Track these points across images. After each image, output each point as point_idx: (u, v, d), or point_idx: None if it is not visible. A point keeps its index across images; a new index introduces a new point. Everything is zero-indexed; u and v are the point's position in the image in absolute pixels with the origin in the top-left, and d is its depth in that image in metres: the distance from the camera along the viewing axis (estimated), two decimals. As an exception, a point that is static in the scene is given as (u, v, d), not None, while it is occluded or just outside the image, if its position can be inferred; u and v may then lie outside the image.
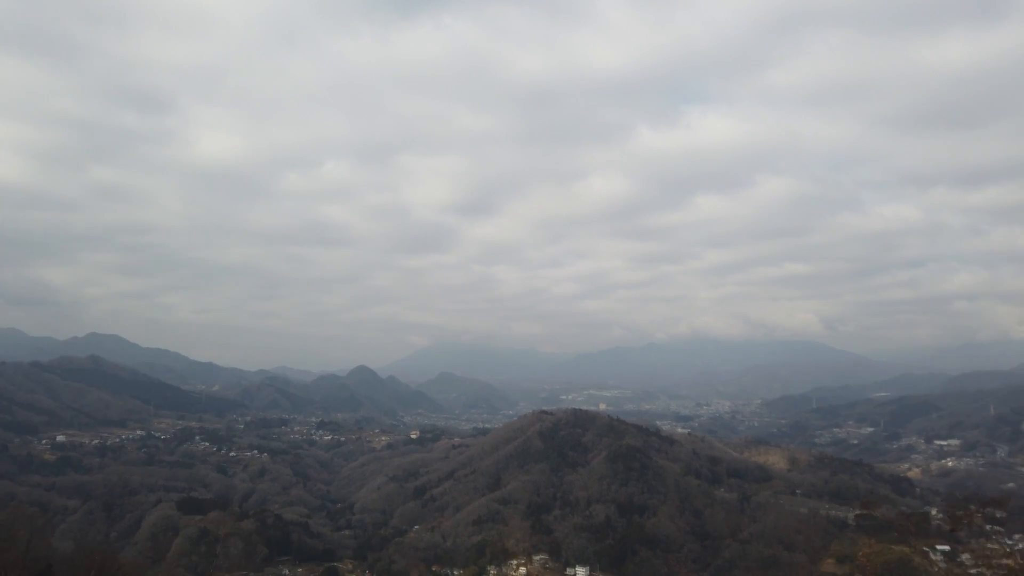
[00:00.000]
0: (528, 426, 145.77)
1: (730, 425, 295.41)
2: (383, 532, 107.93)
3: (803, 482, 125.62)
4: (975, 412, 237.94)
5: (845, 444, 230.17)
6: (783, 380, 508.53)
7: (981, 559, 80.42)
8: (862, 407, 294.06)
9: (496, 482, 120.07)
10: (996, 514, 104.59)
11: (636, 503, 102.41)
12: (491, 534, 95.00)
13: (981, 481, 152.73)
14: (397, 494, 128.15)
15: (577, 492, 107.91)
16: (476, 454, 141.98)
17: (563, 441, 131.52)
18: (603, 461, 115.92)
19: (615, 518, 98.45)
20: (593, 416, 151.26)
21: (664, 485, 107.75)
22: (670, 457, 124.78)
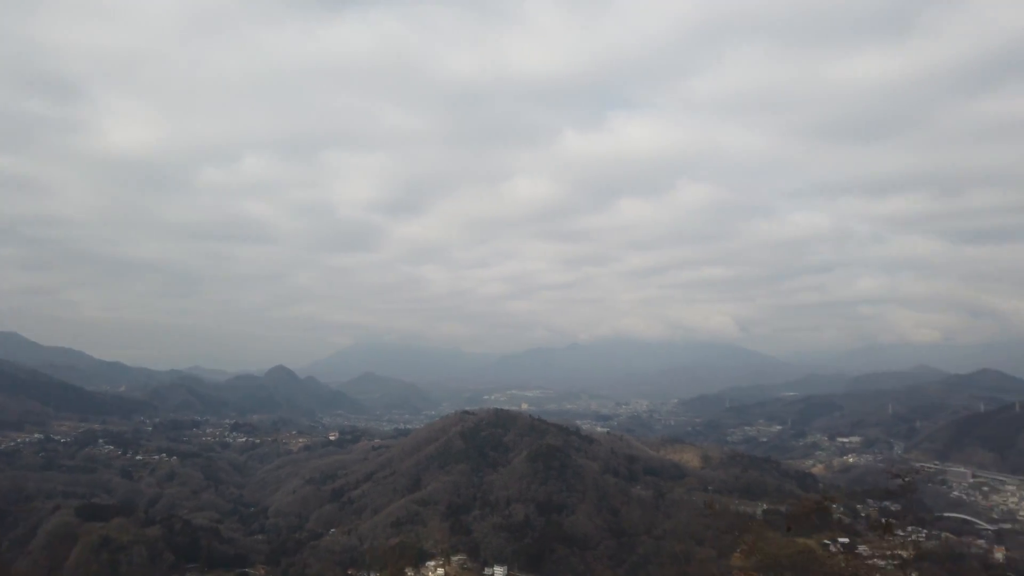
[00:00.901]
0: (450, 426, 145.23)
1: (648, 424, 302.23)
2: (298, 536, 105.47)
3: (715, 479, 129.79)
4: (875, 411, 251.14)
5: (755, 442, 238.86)
6: (700, 380, 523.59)
7: (877, 550, 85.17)
8: (772, 406, 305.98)
9: (416, 483, 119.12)
10: (892, 507, 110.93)
11: (555, 502, 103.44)
12: (409, 536, 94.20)
13: (879, 476, 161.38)
14: (314, 497, 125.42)
15: (497, 492, 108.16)
16: (396, 455, 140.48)
17: (484, 441, 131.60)
18: (524, 461, 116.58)
19: (534, 517, 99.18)
20: (515, 416, 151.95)
21: (583, 483, 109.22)
22: (589, 456, 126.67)
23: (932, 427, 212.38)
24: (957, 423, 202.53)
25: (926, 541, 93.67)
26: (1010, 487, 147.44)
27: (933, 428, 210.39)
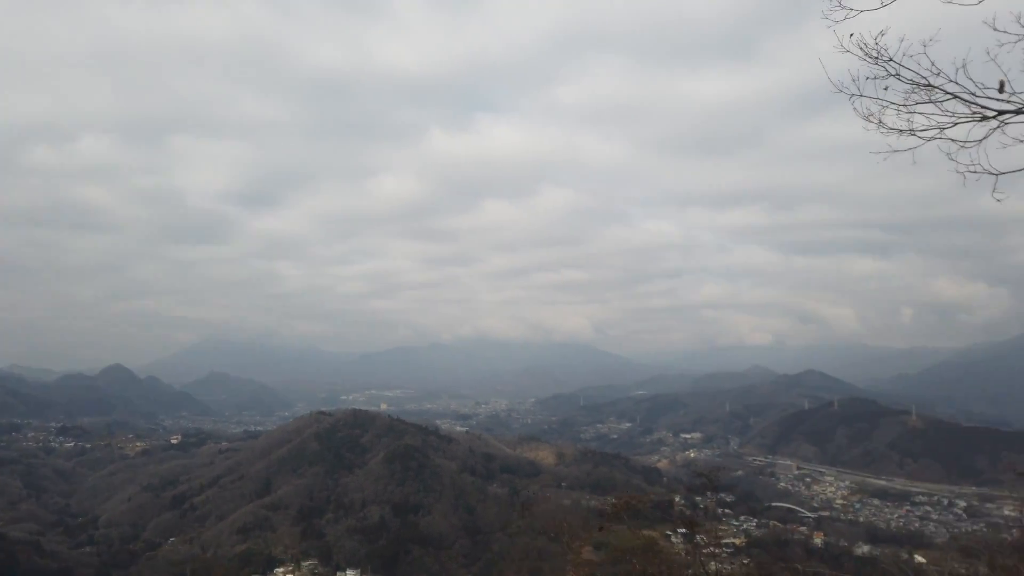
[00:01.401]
0: (304, 428, 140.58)
1: (506, 423, 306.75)
2: (132, 547, 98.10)
3: (569, 475, 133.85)
4: (714, 408, 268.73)
5: (607, 439, 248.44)
6: (557, 380, 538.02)
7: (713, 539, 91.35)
8: (623, 405, 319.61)
9: (266, 487, 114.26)
10: (727, 499, 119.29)
11: (412, 502, 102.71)
12: (257, 542, 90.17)
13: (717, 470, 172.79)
14: (152, 504, 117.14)
15: (353, 494, 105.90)
16: (245, 458, 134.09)
17: (341, 442, 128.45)
18: (381, 462, 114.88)
19: (390, 518, 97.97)
20: (373, 416, 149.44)
21: (440, 483, 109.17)
22: (448, 455, 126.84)
23: (763, 423, 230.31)
24: (785, 419, 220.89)
25: (756, 529, 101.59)
26: (828, 478, 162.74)
27: (764, 424, 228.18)
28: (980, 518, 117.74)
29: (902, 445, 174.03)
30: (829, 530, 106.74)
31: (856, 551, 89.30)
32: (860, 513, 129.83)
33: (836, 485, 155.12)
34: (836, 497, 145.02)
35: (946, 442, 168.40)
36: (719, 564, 59.99)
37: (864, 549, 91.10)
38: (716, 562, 55.67)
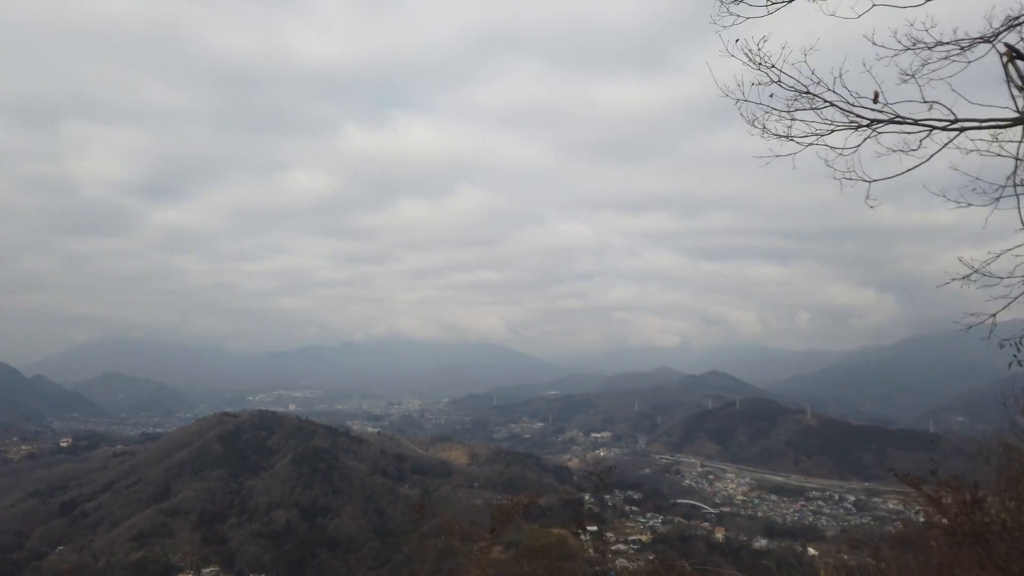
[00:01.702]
0: (207, 429, 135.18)
1: (419, 423, 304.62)
2: (15, 557, 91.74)
3: (481, 475, 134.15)
4: (624, 408, 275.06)
5: (519, 438, 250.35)
6: (471, 380, 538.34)
7: (621, 535, 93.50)
8: (535, 404, 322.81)
9: (165, 492, 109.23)
10: (634, 496, 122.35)
11: (320, 505, 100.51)
12: (154, 549, 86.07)
13: (625, 468, 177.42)
14: (38, 511, 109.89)
15: (258, 497, 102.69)
16: (143, 462, 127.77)
17: (246, 445, 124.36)
18: (288, 464, 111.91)
19: (297, 522, 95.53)
20: (281, 417, 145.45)
21: (350, 485, 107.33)
22: (358, 457, 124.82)
23: (670, 422, 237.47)
24: (690, 419, 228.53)
25: (662, 526, 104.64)
26: (730, 474, 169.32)
27: (670, 423, 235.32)
28: (868, 512, 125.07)
29: (798, 443, 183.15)
30: (730, 525, 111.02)
31: (754, 545, 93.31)
32: (759, 508, 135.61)
33: (737, 482, 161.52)
34: (737, 493, 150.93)
35: (838, 440, 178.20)
36: (626, 560, 61.56)
37: (762, 543, 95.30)
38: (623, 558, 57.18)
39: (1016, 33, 5.31)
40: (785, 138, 6.08)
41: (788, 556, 38.77)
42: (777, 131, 6.09)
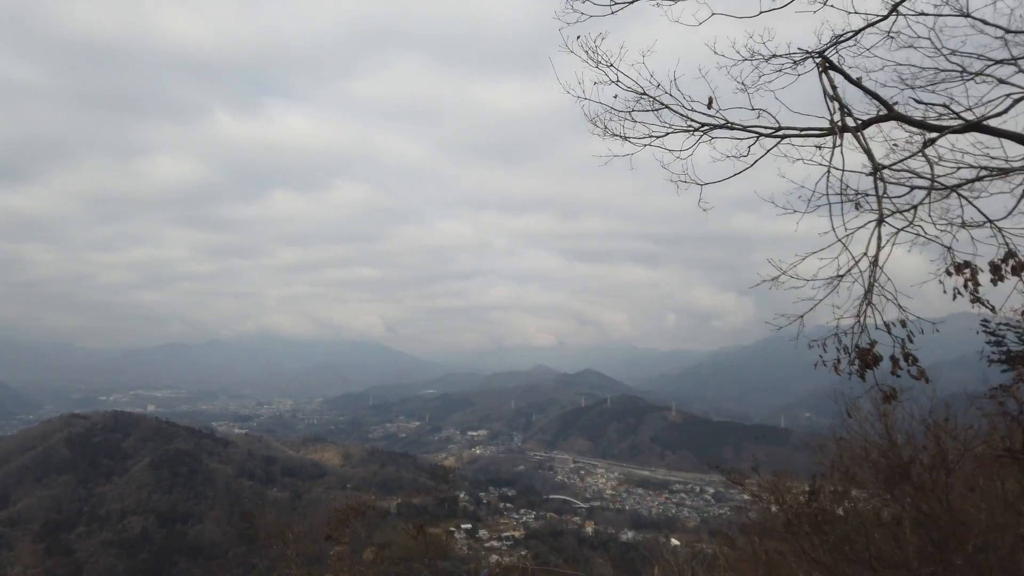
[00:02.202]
0: (52, 432, 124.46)
1: (290, 424, 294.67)
2: None
3: (355, 476, 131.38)
4: (501, 406, 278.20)
5: (395, 438, 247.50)
6: (346, 379, 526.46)
7: (495, 532, 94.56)
8: (413, 403, 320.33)
9: (4, 501, 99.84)
10: (509, 493, 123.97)
11: (181, 511, 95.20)
12: (-12, 565, 78.41)
13: (501, 465, 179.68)
14: None
15: (111, 504, 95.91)
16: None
17: (98, 448, 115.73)
18: (145, 468, 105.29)
19: (154, 529, 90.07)
20: (138, 419, 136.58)
21: (214, 489, 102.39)
22: (224, 460, 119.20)
23: (545, 420, 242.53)
24: (564, 416, 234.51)
25: (534, 521, 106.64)
26: (600, 470, 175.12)
27: (545, 421, 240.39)
28: (726, 502, 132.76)
29: (663, 438, 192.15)
30: (599, 519, 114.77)
31: (622, 537, 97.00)
32: (627, 502, 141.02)
33: (607, 476, 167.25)
34: (607, 488, 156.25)
35: (699, 435, 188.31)
36: (500, 556, 62.27)
37: (629, 535, 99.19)
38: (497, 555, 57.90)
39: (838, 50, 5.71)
40: (623, 138, 6.21)
41: (653, 546, 40.57)
42: (616, 132, 6.22)
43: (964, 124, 5.80)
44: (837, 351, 5.45)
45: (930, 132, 5.61)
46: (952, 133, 5.80)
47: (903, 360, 5.29)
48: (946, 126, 5.72)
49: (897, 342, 5.29)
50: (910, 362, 5.29)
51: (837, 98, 5.34)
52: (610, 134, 6.27)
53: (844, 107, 5.38)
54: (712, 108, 5.76)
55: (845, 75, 5.53)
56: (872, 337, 5.43)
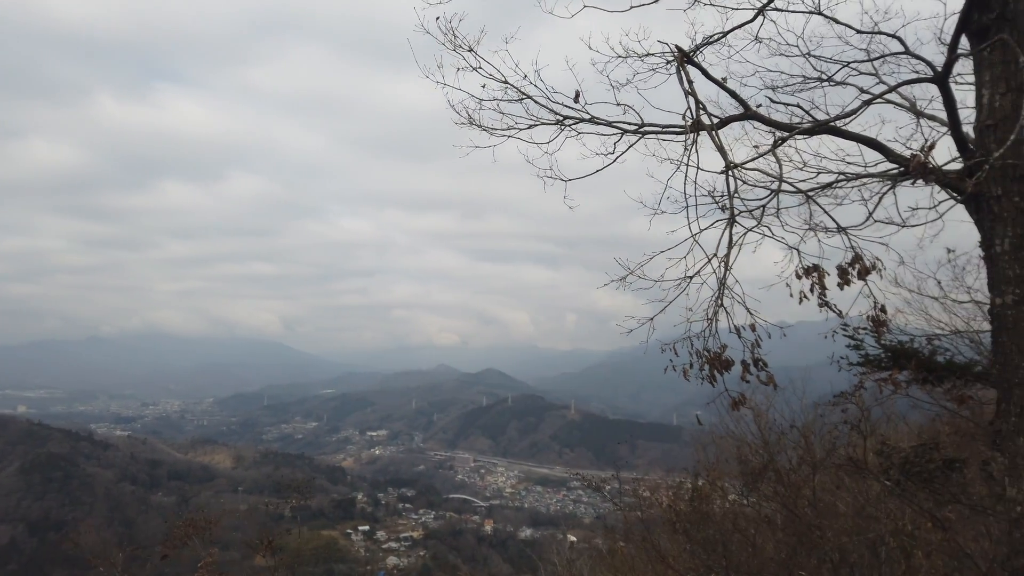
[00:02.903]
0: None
1: (178, 425, 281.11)
2: None
3: (247, 478, 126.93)
4: (401, 406, 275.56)
5: (291, 439, 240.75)
6: (239, 378, 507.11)
7: (393, 533, 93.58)
8: (310, 403, 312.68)
9: None
10: (408, 493, 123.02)
11: (55, 518, 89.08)
12: None
13: (400, 465, 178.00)
14: None
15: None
16: None
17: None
18: (15, 473, 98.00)
19: (25, 539, 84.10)
20: (6, 420, 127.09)
21: (92, 495, 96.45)
22: (103, 463, 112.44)
23: (446, 419, 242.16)
24: (465, 415, 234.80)
25: (434, 521, 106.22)
26: (500, 468, 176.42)
27: (446, 420, 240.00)
28: (620, 498, 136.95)
29: (562, 436, 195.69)
30: (499, 517, 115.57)
31: (520, 535, 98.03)
32: (526, 499, 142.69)
33: (507, 475, 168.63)
34: (506, 486, 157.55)
35: (597, 432, 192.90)
36: (398, 558, 61.74)
37: (527, 532, 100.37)
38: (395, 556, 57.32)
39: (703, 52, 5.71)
40: (484, 129, 6.03)
41: (551, 543, 41.27)
42: (478, 121, 6.02)
43: (813, 124, 5.85)
44: (690, 355, 5.37)
45: (781, 131, 5.59)
46: (801, 134, 5.81)
47: (753, 365, 5.20)
48: (796, 126, 5.75)
49: (747, 346, 5.18)
50: (759, 367, 5.21)
51: (693, 93, 5.23)
52: (473, 124, 6.05)
53: (700, 104, 5.29)
54: (579, 103, 5.63)
55: (703, 71, 5.48)
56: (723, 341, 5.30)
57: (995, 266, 4.93)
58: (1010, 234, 4.82)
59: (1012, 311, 4.82)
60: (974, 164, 4.99)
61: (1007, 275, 4.85)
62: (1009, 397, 4.85)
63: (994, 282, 4.96)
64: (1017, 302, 4.81)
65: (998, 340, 4.97)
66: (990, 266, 5.01)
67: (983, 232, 5.05)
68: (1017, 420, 4.77)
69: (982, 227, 5.06)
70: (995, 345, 5.05)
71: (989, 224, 4.95)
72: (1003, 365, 4.92)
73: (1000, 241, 4.86)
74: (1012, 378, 4.83)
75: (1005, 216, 4.84)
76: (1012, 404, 4.82)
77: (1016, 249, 4.82)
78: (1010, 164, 4.82)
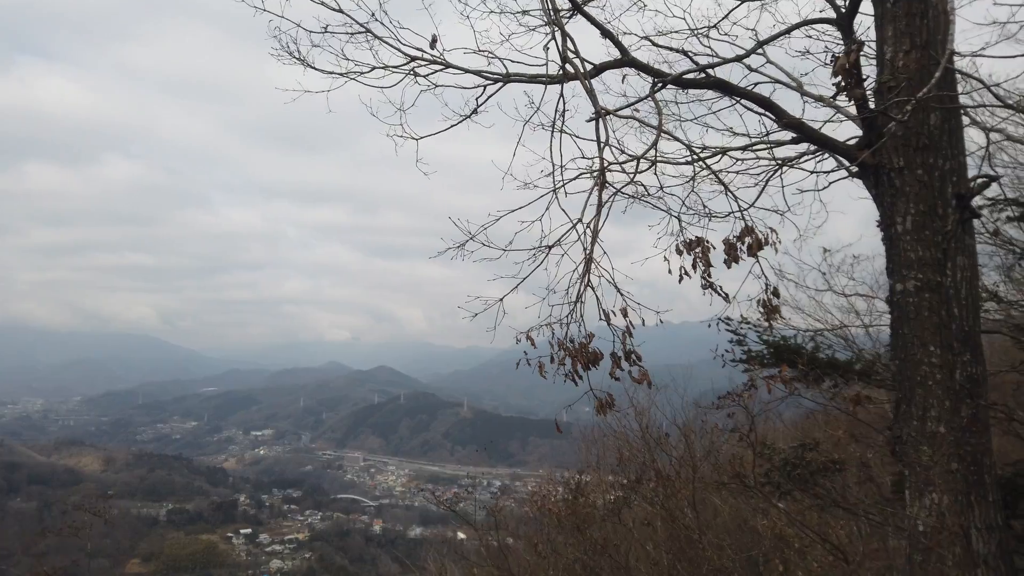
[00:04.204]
0: None
1: (41, 426, 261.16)
2: None
3: (118, 482, 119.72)
4: (289, 404, 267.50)
5: (168, 439, 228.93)
6: (112, 375, 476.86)
7: (277, 536, 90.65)
8: (189, 401, 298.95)
9: None
10: (294, 494, 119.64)
11: None
12: None
13: (287, 466, 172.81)
14: None
15: None
16: None
17: None
18: None
19: None
20: None
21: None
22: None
23: (335, 418, 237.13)
24: (356, 413, 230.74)
25: (320, 522, 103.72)
26: (391, 467, 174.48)
27: (336, 419, 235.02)
28: (510, 495, 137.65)
29: (454, 434, 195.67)
30: (388, 516, 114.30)
31: (409, 534, 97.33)
32: (416, 498, 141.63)
33: (397, 474, 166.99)
34: (397, 485, 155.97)
35: (489, 430, 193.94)
36: (282, 561, 59.97)
37: (417, 531, 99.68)
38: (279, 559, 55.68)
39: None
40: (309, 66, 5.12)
41: (440, 541, 41.26)
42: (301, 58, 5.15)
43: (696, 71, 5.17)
44: (550, 345, 4.60)
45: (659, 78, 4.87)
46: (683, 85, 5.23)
47: (624, 359, 4.41)
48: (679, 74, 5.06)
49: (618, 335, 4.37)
50: (632, 361, 4.41)
51: (565, 34, 4.53)
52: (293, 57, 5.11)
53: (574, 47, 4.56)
54: (435, 49, 4.84)
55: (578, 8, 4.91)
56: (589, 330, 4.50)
57: (895, 248, 4.44)
58: (912, 211, 4.33)
59: (914, 298, 4.32)
60: (873, 132, 4.45)
61: (909, 258, 4.35)
62: (911, 398, 4.35)
63: (894, 266, 4.46)
64: (920, 288, 4.30)
65: (898, 332, 4.45)
66: (890, 247, 4.51)
67: (882, 209, 4.54)
68: (919, 424, 4.29)
69: (881, 203, 4.53)
70: (895, 338, 4.53)
71: (889, 200, 4.43)
72: (904, 361, 4.42)
73: (901, 219, 4.37)
74: (914, 376, 4.32)
75: (907, 191, 4.35)
76: (914, 406, 4.32)
77: (919, 228, 4.33)
78: (913, 132, 4.35)
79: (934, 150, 4.39)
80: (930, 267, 4.30)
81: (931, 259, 4.31)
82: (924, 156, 4.34)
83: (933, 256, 4.31)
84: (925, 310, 4.27)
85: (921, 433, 4.26)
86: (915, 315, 4.30)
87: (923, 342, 4.26)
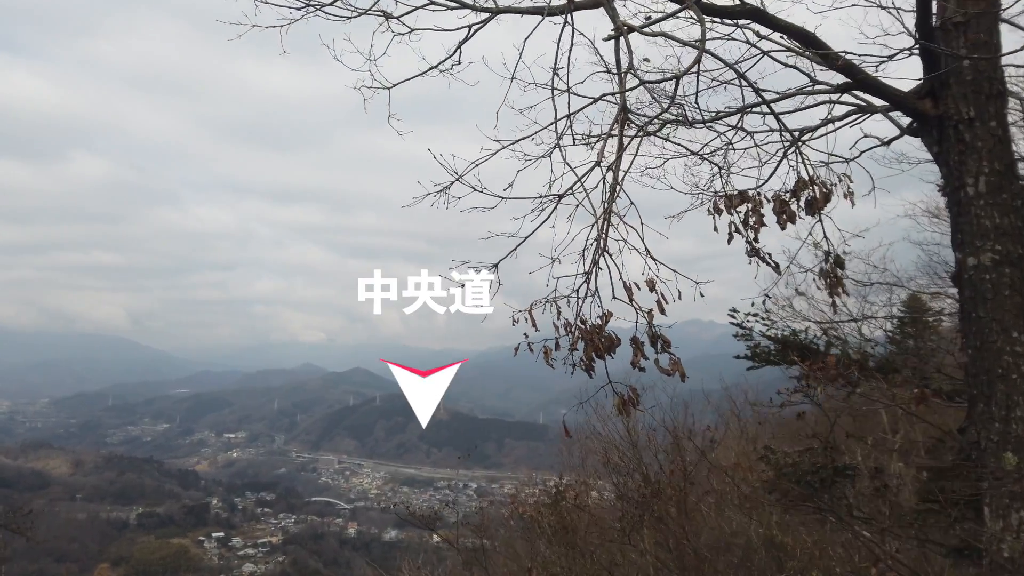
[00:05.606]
0: None
1: (7, 428, 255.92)
2: None
3: (87, 485, 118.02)
4: (263, 406, 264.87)
5: (139, 442, 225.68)
6: (79, 376, 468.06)
7: (250, 539, 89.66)
8: (160, 403, 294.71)
9: None
10: (267, 497, 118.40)
11: None
12: None
13: (260, 468, 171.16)
14: None
15: None
16: None
17: None
18: None
19: None
20: None
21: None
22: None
23: (310, 420, 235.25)
24: (330, 415, 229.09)
25: (294, 525, 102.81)
26: (366, 469, 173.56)
27: (311, 421, 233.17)
28: (487, 497, 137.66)
29: (430, 436, 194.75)
30: (363, 519, 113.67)
31: (385, 537, 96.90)
32: (391, 501, 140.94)
33: (373, 476, 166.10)
34: (372, 487, 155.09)
35: (465, 432, 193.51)
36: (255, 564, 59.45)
37: (392, 534, 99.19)
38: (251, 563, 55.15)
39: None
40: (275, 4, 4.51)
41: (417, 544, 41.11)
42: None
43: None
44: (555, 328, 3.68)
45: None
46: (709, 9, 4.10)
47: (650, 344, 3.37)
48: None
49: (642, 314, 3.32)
50: (660, 348, 3.37)
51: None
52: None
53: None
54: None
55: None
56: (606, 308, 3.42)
57: (966, 215, 3.66)
58: (986, 170, 3.55)
59: (991, 274, 3.54)
60: (936, 78, 3.66)
61: (983, 226, 3.57)
62: (991, 395, 3.56)
63: (965, 237, 3.69)
64: (998, 262, 3.52)
65: (972, 316, 3.67)
66: (958, 215, 3.75)
67: (947, 170, 3.77)
68: (1002, 427, 3.51)
69: (947, 163, 3.74)
70: (967, 324, 3.74)
71: (957, 158, 3.63)
72: (980, 350, 3.62)
73: (973, 180, 3.59)
74: (994, 368, 3.52)
75: (979, 146, 3.56)
76: (995, 405, 3.54)
77: (994, 191, 3.57)
78: (986, 77, 3.52)
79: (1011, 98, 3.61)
80: (1009, 237, 3.55)
81: (1010, 227, 3.56)
82: (999, 105, 3.54)
83: (1012, 224, 3.57)
84: (1006, 288, 3.51)
85: (1005, 437, 3.51)
86: (993, 294, 3.53)
87: (1004, 327, 3.48)
